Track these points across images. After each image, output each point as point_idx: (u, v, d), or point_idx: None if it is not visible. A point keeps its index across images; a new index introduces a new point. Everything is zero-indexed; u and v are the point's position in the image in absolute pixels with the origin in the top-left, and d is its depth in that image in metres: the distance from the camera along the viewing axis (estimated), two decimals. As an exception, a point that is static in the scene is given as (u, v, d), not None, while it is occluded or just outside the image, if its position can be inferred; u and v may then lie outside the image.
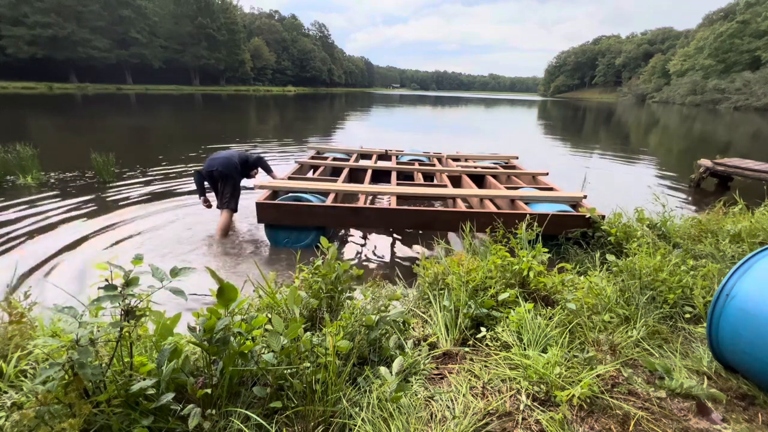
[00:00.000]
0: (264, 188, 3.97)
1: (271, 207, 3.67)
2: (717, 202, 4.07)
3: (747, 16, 53.53)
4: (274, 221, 3.74)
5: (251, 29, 76.25)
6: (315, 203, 3.73)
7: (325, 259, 1.88)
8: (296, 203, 3.70)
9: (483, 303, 1.97)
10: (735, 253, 2.75)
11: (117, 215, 4.52)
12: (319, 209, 3.68)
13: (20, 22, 38.39)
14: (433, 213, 3.72)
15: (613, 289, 2.19)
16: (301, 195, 3.89)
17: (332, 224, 3.85)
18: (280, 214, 3.68)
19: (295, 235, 3.81)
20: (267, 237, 3.86)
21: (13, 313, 1.52)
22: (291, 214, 3.67)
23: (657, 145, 15.11)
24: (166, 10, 51.96)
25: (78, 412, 1.03)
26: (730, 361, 1.62)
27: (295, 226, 3.77)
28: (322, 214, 3.69)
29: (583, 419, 1.38)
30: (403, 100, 58.27)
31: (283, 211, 3.67)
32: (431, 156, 6.35)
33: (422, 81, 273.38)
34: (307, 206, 3.67)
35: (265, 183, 4.03)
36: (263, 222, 3.75)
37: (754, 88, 47.12)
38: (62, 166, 6.60)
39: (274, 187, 3.97)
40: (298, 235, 3.81)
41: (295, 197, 3.85)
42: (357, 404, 1.35)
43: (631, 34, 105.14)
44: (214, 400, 1.24)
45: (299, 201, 3.78)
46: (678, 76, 65.12)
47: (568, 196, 3.92)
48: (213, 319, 1.23)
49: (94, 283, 1.13)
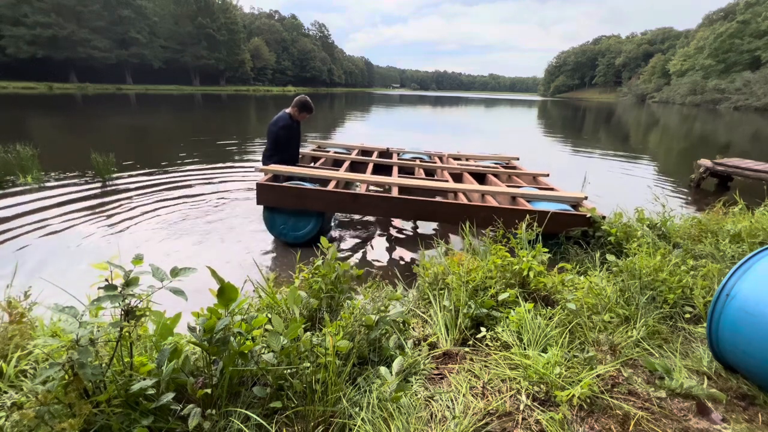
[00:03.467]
0: (265, 172, 3.96)
1: (272, 189, 3.62)
2: (717, 202, 4.06)
3: (747, 16, 53.55)
4: (274, 203, 3.69)
5: (251, 29, 76.25)
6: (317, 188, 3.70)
7: (325, 259, 1.88)
8: (298, 185, 3.66)
9: (483, 303, 1.97)
10: (735, 253, 2.75)
11: (117, 215, 4.51)
12: (321, 193, 3.64)
13: (20, 22, 38.38)
14: (434, 204, 3.70)
15: (613, 289, 2.19)
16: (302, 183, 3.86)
17: (332, 209, 3.82)
18: (281, 197, 3.64)
19: (293, 222, 3.77)
20: (264, 222, 3.81)
21: (13, 313, 1.52)
22: (291, 196, 3.63)
23: (657, 145, 15.11)
24: (166, 10, 51.95)
25: (78, 412, 1.03)
26: (730, 361, 1.62)
27: (293, 212, 3.74)
28: (322, 199, 3.65)
29: (583, 419, 1.38)
30: (403, 100, 58.25)
31: (284, 194, 3.63)
32: (432, 155, 6.35)
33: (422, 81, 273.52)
34: (308, 190, 3.63)
35: (266, 167, 4.02)
36: (263, 204, 3.70)
37: (754, 88, 47.13)
38: (62, 166, 6.60)
39: (275, 172, 3.95)
40: (296, 222, 3.77)
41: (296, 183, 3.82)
42: (357, 404, 1.34)
43: (631, 34, 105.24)
44: (214, 400, 1.24)
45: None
46: (678, 76, 65.14)
47: (570, 196, 3.92)
48: (213, 319, 1.23)
49: (94, 283, 1.13)
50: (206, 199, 5.30)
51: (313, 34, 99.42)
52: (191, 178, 6.48)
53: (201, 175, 6.75)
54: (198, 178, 6.47)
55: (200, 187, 5.95)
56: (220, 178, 6.57)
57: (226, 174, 6.92)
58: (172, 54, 54.53)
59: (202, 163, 7.70)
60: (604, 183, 7.34)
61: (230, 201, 5.28)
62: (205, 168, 7.30)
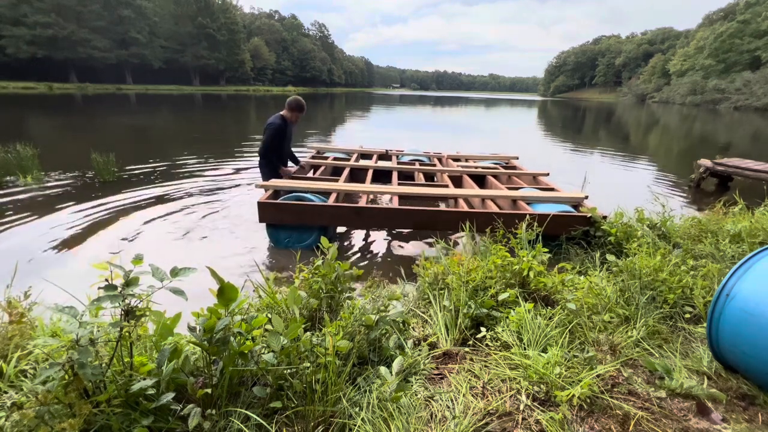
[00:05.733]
0: (265, 188, 3.96)
1: (273, 207, 3.64)
2: (717, 202, 4.07)
3: (747, 16, 53.56)
4: (276, 221, 3.70)
5: (251, 29, 76.26)
6: (317, 203, 3.71)
7: (325, 259, 1.88)
8: (298, 203, 3.67)
9: (483, 303, 1.97)
10: (735, 253, 2.75)
11: (117, 215, 4.51)
12: (322, 209, 3.65)
13: (20, 22, 38.39)
14: (435, 213, 3.71)
15: (613, 289, 2.19)
16: (303, 195, 3.88)
17: (335, 224, 3.84)
18: (282, 214, 3.65)
19: (296, 235, 3.79)
20: (269, 237, 3.84)
21: (13, 313, 1.51)
22: (293, 213, 3.64)
23: (657, 145, 15.11)
24: (166, 10, 51.96)
25: (78, 412, 1.03)
26: (730, 361, 1.62)
27: (297, 226, 3.75)
28: (324, 214, 3.66)
29: (583, 419, 1.38)
30: (403, 100, 58.24)
31: (285, 211, 3.64)
32: (431, 156, 6.35)
33: (422, 81, 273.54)
34: (309, 206, 3.65)
35: (266, 183, 4.03)
36: (265, 222, 3.72)
37: (754, 88, 47.14)
38: (62, 166, 6.59)
39: (276, 187, 3.96)
40: (299, 235, 3.79)
41: (297, 197, 3.84)
42: (357, 404, 1.34)
43: (631, 34, 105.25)
44: (214, 400, 1.24)
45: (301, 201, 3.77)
46: (678, 76, 65.13)
47: (570, 196, 3.91)
48: (213, 319, 1.23)
49: (94, 283, 1.13)
50: (206, 199, 5.30)
51: (313, 34, 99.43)
52: (191, 177, 6.48)
53: (201, 174, 6.75)
54: (198, 178, 6.47)
55: (200, 187, 5.95)
56: (220, 178, 6.57)
57: (226, 174, 6.92)
58: (172, 54, 54.54)
59: (202, 163, 7.70)
60: (604, 183, 7.34)
61: (230, 201, 5.28)
62: (205, 168, 7.30)
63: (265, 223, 3.77)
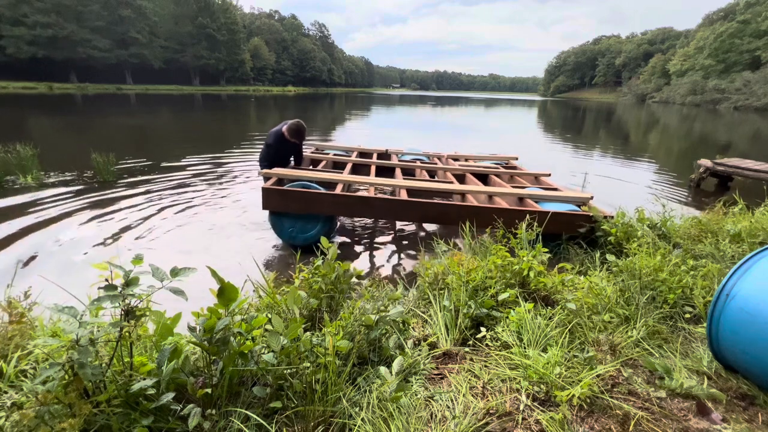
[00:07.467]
0: (269, 176, 3.93)
1: (278, 193, 3.53)
2: (717, 202, 4.06)
3: (747, 16, 53.55)
4: (281, 209, 3.61)
5: (251, 29, 76.22)
6: (324, 191, 3.63)
7: (325, 259, 1.88)
8: (305, 190, 3.57)
9: (483, 303, 1.97)
10: (735, 253, 2.75)
11: (117, 215, 4.51)
12: (329, 197, 3.56)
13: (20, 22, 38.35)
14: (442, 207, 3.65)
15: (613, 289, 2.19)
16: (309, 183, 3.78)
17: (341, 213, 3.77)
18: (288, 201, 3.55)
19: (300, 225, 3.69)
20: (271, 226, 3.74)
21: (13, 313, 1.51)
22: (299, 201, 3.54)
23: (657, 145, 15.11)
24: (166, 10, 51.92)
25: (78, 412, 1.03)
26: (730, 361, 1.62)
27: (301, 216, 3.66)
28: (331, 203, 3.57)
29: (583, 419, 1.38)
30: (403, 100, 58.24)
31: (291, 198, 3.55)
32: (431, 156, 6.35)
33: (422, 81, 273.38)
34: (316, 194, 3.55)
35: (270, 171, 3.96)
36: (269, 209, 3.62)
37: (754, 88, 47.12)
38: (62, 166, 6.60)
39: (279, 175, 3.88)
40: (303, 225, 3.69)
41: (303, 185, 3.75)
42: (357, 404, 1.34)
43: (631, 34, 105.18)
44: (214, 400, 1.24)
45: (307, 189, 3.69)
46: (678, 76, 65.11)
47: (576, 196, 3.90)
48: (213, 319, 1.23)
49: (94, 283, 1.13)
50: (206, 199, 5.31)
51: (313, 34, 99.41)
52: (191, 177, 6.48)
53: (201, 174, 6.75)
54: (198, 178, 6.47)
55: (200, 186, 5.95)
56: (221, 178, 6.57)
57: (226, 174, 6.92)
58: (172, 54, 54.51)
59: (202, 163, 7.70)
60: (604, 183, 7.34)
61: (230, 201, 5.29)
62: (205, 168, 7.30)
63: (268, 213, 3.70)
